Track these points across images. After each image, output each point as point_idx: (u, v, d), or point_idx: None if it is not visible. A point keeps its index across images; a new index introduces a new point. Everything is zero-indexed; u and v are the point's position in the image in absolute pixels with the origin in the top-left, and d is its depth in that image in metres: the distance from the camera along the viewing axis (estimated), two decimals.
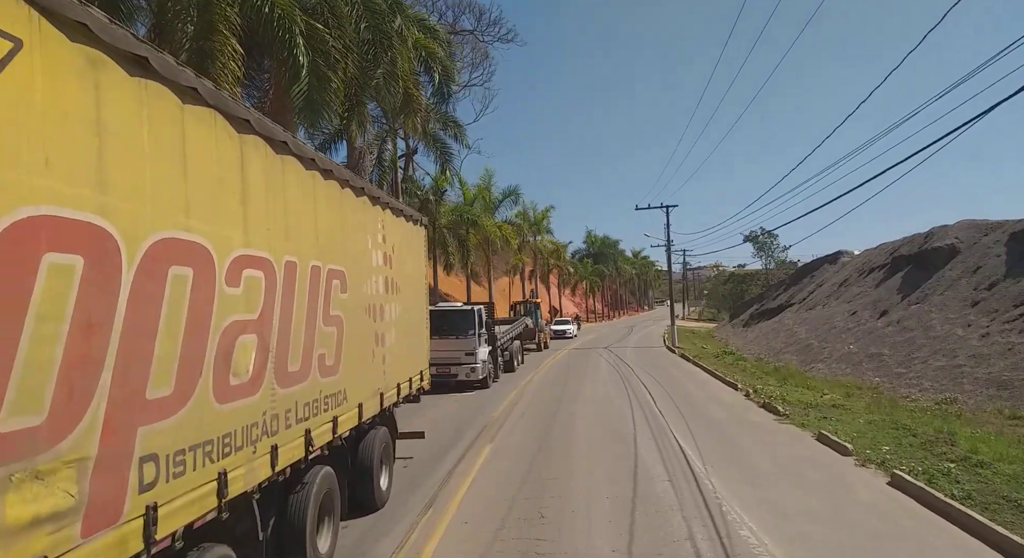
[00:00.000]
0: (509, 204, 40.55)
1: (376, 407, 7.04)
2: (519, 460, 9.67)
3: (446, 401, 16.14)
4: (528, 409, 14.48)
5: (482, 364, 17.83)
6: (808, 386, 17.40)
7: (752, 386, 16.93)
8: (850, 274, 26.92)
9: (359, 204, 6.74)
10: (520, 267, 50.57)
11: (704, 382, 18.94)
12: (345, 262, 6.12)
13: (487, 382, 18.30)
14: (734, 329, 39.54)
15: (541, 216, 53.03)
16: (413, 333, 9.13)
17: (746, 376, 20.12)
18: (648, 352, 31.01)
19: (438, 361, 17.70)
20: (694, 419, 12.59)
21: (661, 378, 19.74)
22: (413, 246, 9.40)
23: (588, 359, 27.48)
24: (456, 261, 32.73)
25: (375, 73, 17.12)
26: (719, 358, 25.93)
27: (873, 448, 9.69)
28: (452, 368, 17.58)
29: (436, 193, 29.92)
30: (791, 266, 79.93)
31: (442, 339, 17.72)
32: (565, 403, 15.20)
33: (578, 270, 73.91)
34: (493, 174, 39.32)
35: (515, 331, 23.56)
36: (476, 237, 36.18)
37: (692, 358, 25.83)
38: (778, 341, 25.55)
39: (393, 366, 7.82)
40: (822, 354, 20.74)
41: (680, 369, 22.96)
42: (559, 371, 22.85)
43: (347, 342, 6.06)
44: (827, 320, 23.23)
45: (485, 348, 18.49)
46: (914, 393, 14.86)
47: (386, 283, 7.60)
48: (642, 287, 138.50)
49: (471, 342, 17.66)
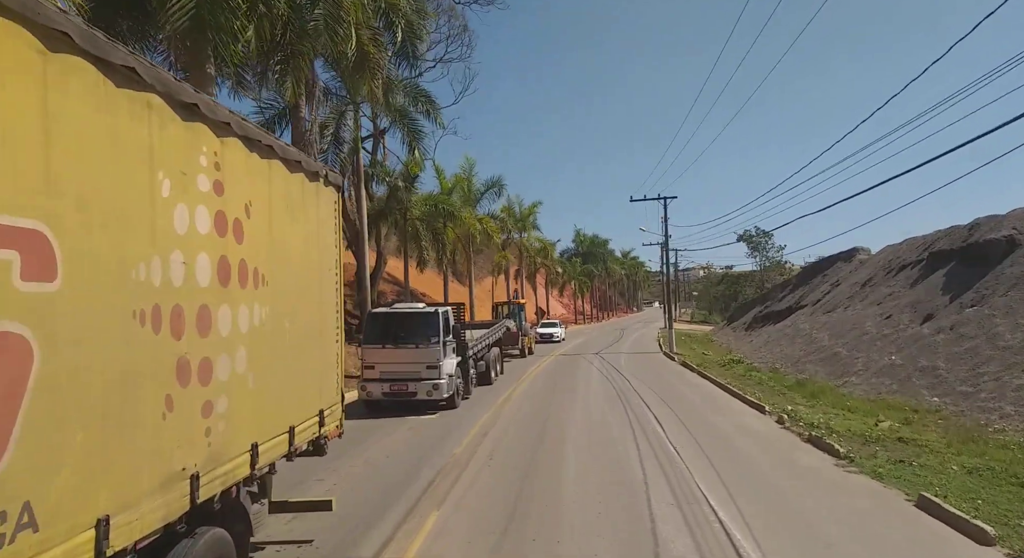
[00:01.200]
0: (492, 197, 37.21)
1: (174, 507, 3.60)
2: (477, 542, 6.28)
3: (399, 428, 12.71)
4: (500, 443, 11.08)
5: (448, 379, 14.41)
6: (849, 407, 14.14)
7: (783, 409, 13.64)
8: (873, 272, 23.79)
9: (112, 99, 3.25)
10: (504, 266, 47.21)
11: (720, 401, 15.64)
12: (41, 213, 2.69)
13: (455, 400, 14.87)
14: (735, 333, 36.38)
15: (528, 211, 49.81)
16: (304, 352, 5.69)
17: (766, 392, 16.85)
18: (645, 359, 27.73)
19: (391, 376, 14.30)
20: (725, 463, 9.25)
21: (666, 395, 16.41)
22: (310, 214, 5.97)
23: (577, 368, 24.11)
24: (431, 257, 29.26)
25: (312, 12, 13.68)
26: (727, 367, 22.68)
27: (1011, 525, 6.40)
28: (410, 385, 14.14)
29: (407, 179, 26.44)
30: (787, 268, 77.25)
31: (397, 348, 14.31)
32: (550, 433, 11.82)
33: (566, 270, 70.71)
34: (474, 164, 35.92)
35: (493, 336, 20.16)
36: (455, 231, 32.79)
37: (696, 367, 22.55)
38: (794, 348, 22.34)
39: (241, 417, 4.39)
40: (854, 365, 17.50)
41: (686, 382, 19.65)
42: (544, 384, 19.46)
43: (40, 394, 2.63)
44: (855, 324, 20.02)
45: (453, 359, 15.07)
46: (994, 420, 11.63)
47: (220, 267, 4.17)
48: (631, 288, 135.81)
49: (434, 352, 14.23)
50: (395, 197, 26.95)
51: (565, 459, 9.80)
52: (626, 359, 27.71)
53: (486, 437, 11.55)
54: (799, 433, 11.38)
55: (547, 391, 17.74)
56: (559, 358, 28.82)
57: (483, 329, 20.53)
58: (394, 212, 27.55)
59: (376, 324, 14.74)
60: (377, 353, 14.29)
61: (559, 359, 28.34)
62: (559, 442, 10.95)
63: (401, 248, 30.53)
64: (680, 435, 11.25)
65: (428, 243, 28.29)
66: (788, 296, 32.91)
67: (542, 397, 16.59)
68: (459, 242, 33.27)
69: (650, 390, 17.30)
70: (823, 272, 30.68)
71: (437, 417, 13.92)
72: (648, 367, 24.22)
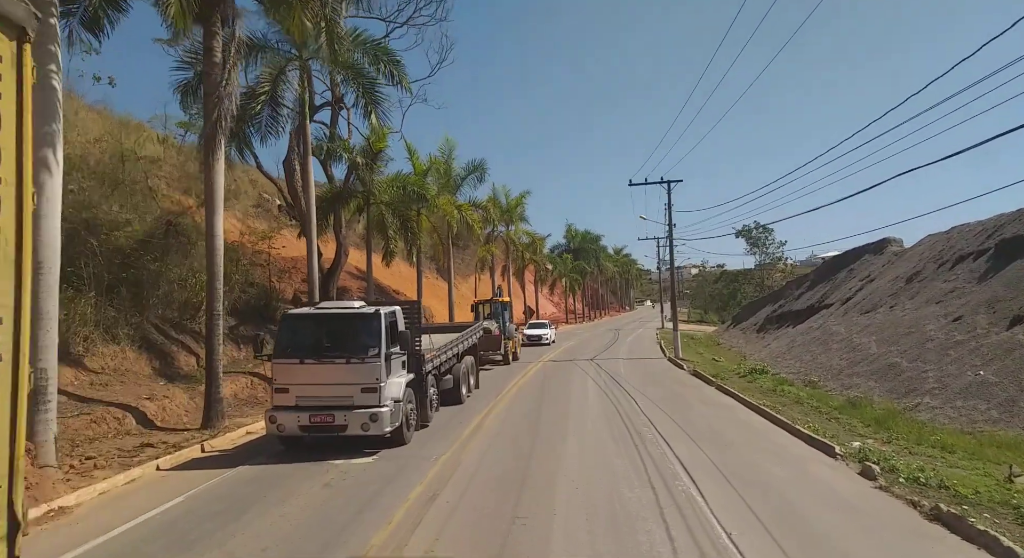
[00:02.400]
0: (474, 184, 33.16)
1: None
2: None
3: (313, 481, 8.74)
4: (455, 515, 7.12)
5: (393, 406, 10.43)
6: (942, 444, 10.30)
7: (858, 450, 9.75)
8: (918, 265, 20.03)
9: None
10: (490, 261, 43.25)
11: (763, 433, 11.75)
12: None
13: (404, 434, 10.89)
14: (745, 335, 32.59)
15: (515, 202, 45.84)
16: None
17: (813, 416, 13.02)
18: (648, 367, 23.85)
19: (312, 402, 10.30)
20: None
21: (689, 424, 12.51)
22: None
23: (570, 380, 20.19)
24: (398, 248, 25.21)
25: None
26: (749, 379, 18.82)
27: None
28: (337, 415, 10.15)
29: (368, 156, 22.37)
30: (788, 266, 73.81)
31: (320, 364, 10.35)
32: (532, 494, 7.86)
33: (557, 266, 66.83)
34: (455, 146, 31.92)
35: (465, 343, 16.22)
36: (430, 220, 28.78)
37: (713, 379, 18.68)
38: (831, 356, 18.52)
39: None
40: (924, 381, 13.69)
41: (707, 401, 15.77)
42: (527, 405, 15.52)
43: None
44: (911, 328, 16.22)
45: (401, 377, 11.09)
46: None
47: None
48: (623, 286, 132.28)
49: (371, 369, 10.24)
50: (358, 177, 22.89)
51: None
52: (626, 367, 23.83)
53: (434, 501, 7.61)
54: (908, 499, 7.48)
55: (531, 415, 13.81)
56: (548, 366, 24.89)
57: (452, 333, 16.58)
58: (356, 195, 23.52)
59: (291, 331, 10.72)
60: (292, 371, 10.30)
61: (548, 367, 24.41)
62: (544, 516, 7.00)
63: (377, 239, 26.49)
64: (729, 505, 7.33)
65: (396, 232, 24.22)
66: (806, 294, 29.15)
67: (524, 425, 12.65)
68: (436, 233, 29.27)
69: (665, 415, 13.40)
70: (848, 267, 26.93)
71: (375, 460, 9.97)
72: (654, 379, 20.33)
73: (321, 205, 23.54)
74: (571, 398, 16.23)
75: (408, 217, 25.09)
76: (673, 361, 25.33)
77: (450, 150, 32.61)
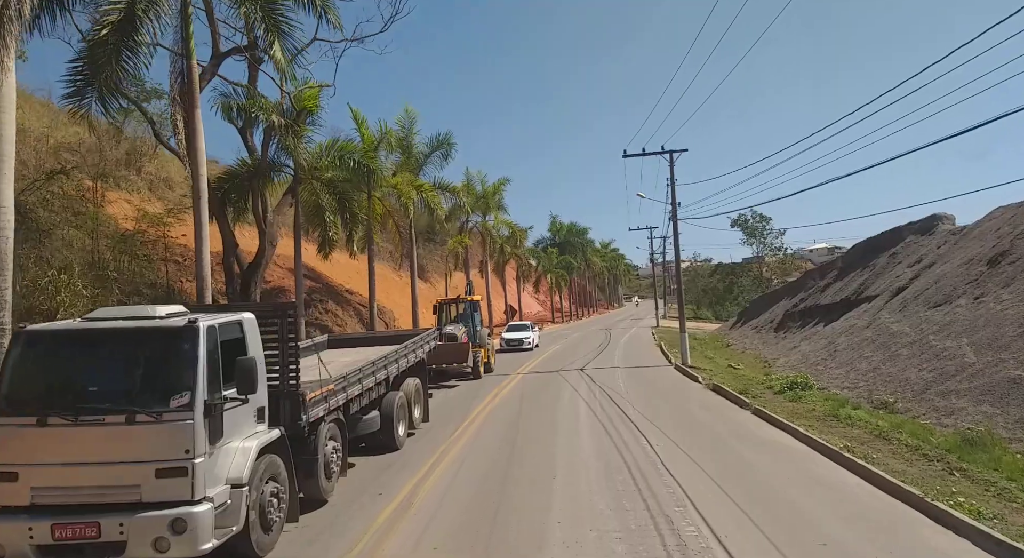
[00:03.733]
0: (440, 162, 28.32)
1: None
2: None
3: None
4: None
5: (227, 498, 5.63)
6: None
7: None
8: (1006, 244, 15.54)
9: None
10: (463, 254, 38.48)
11: (883, 519, 6.97)
12: None
13: (250, 544, 6.05)
14: (760, 335, 28.06)
15: (493, 189, 41.11)
16: None
17: (913, 461, 8.42)
18: (652, 379, 19.17)
19: (58, 498, 5.25)
20: None
21: (739, 487, 7.79)
22: None
23: (555, 403, 15.44)
24: (339, 236, 20.31)
25: None
26: (790, 397, 14.15)
27: None
28: (105, 523, 5.30)
29: (291, 117, 17.40)
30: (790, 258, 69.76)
31: (77, 427, 5.47)
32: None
33: (541, 261, 62.13)
34: (417, 117, 27.06)
35: (403, 361, 11.40)
36: (384, 203, 23.94)
37: (743, 399, 14.02)
38: (902, 365, 13.95)
39: None
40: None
41: (748, 437, 11.05)
42: (491, 452, 10.75)
43: None
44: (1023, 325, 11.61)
45: (250, 440, 6.24)
46: None
47: None
48: (611, 283, 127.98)
49: (175, 432, 5.42)
50: (282, 147, 17.97)
51: None
52: (625, 379, 19.14)
53: None
54: None
55: (492, 477, 9.01)
56: (528, 380, 20.14)
57: (389, 346, 11.77)
58: (282, 170, 18.65)
59: (27, 364, 5.82)
60: (25, 441, 5.45)
61: (528, 382, 19.65)
62: None
63: (313, 225, 21.62)
64: None
65: (333, 213, 19.27)
66: (835, 285, 24.62)
67: (480, 505, 7.84)
68: (392, 219, 24.37)
69: (698, 470, 8.67)
70: (887, 251, 22.41)
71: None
72: (664, 398, 15.67)
73: (237, 183, 18.60)
74: (556, 437, 11.48)
75: (350, 198, 20.14)
76: (682, 370, 20.67)
77: (411, 122, 27.77)
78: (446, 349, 19.32)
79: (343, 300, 27.95)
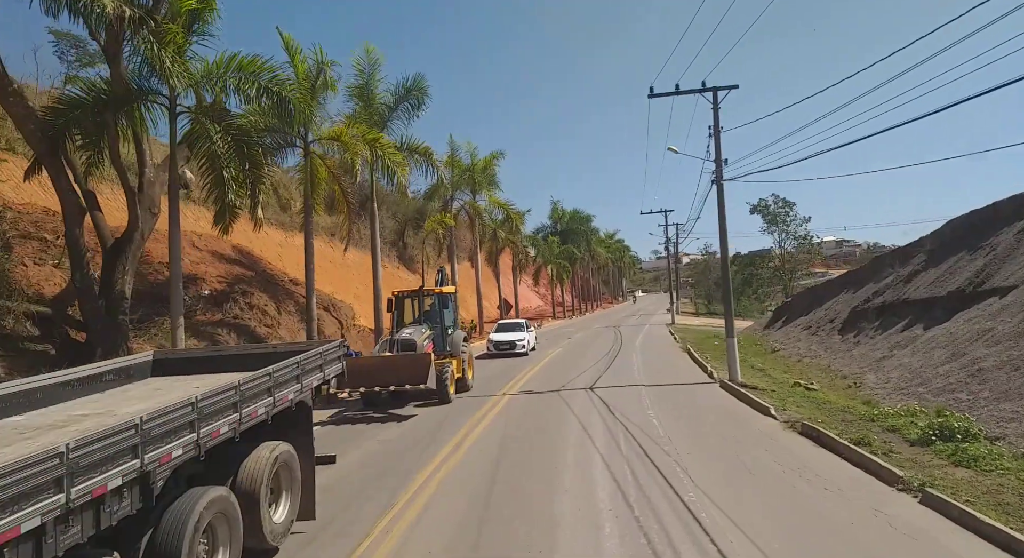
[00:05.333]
0: (409, 111, 22.34)
1: None
2: None
3: None
4: None
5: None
6: None
7: None
8: None
9: None
10: (444, 238, 32.49)
11: None
12: None
13: None
14: (818, 337, 22.08)
15: (484, 163, 35.08)
16: None
17: None
18: (699, 410, 13.08)
19: None
20: None
21: None
22: None
23: (554, 466, 9.44)
24: (243, 200, 14.20)
25: None
26: (952, 456, 8.19)
27: None
28: None
29: (152, 10, 11.34)
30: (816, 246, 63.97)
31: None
32: None
33: (541, 251, 56.13)
34: (381, 62, 21.11)
35: (248, 407, 5.37)
36: (326, 162, 17.96)
37: (888, 466, 7.97)
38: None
39: None
40: None
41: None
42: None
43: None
44: None
45: None
46: None
47: None
48: (616, 275, 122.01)
49: None
50: (147, 61, 11.90)
51: None
52: (659, 409, 13.11)
53: None
54: None
55: None
56: (515, 407, 14.16)
57: (230, 375, 5.80)
58: (155, 99, 12.64)
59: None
60: None
61: (514, 412, 13.66)
62: None
63: (210, 186, 15.59)
64: None
65: (235, 167, 13.23)
66: (925, 273, 18.58)
67: None
68: (337, 184, 18.34)
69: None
70: (1011, 225, 16.38)
71: None
72: (738, 455, 9.69)
73: (81, 117, 12.52)
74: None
75: (251, 143, 13.99)
76: (734, 391, 14.67)
77: (372, 67, 21.75)
78: (400, 363, 13.62)
79: (283, 292, 21.93)
